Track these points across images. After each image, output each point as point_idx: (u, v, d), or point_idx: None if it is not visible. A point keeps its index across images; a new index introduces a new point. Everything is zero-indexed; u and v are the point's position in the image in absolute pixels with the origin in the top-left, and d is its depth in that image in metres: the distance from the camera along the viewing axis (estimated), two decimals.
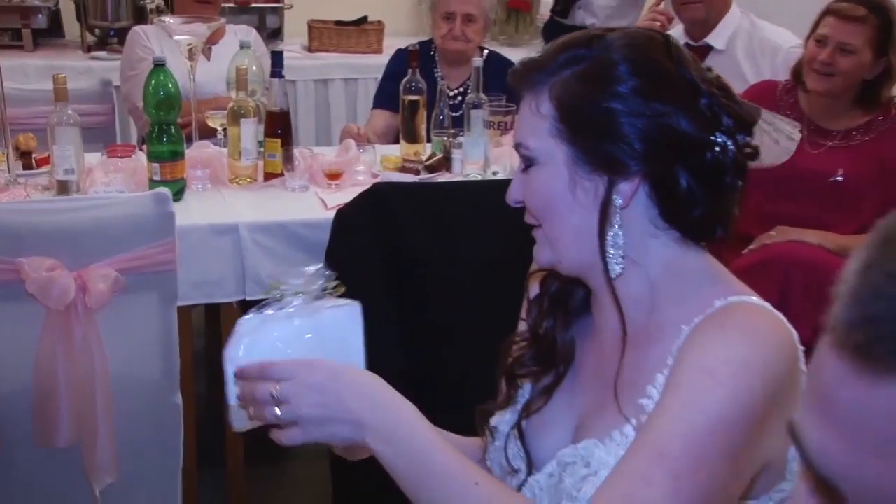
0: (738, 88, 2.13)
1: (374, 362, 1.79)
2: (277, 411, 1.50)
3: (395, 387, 1.65)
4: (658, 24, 4.34)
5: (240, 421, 1.53)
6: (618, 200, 1.54)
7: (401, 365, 2.98)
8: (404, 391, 1.64)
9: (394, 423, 1.50)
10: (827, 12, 3.68)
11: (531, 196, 1.61)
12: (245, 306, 3.46)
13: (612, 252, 1.57)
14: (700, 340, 1.51)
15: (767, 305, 1.57)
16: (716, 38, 4.34)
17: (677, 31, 4.29)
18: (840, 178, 3.57)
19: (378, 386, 1.54)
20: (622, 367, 1.60)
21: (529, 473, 1.68)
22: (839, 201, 3.60)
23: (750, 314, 1.55)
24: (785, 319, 1.54)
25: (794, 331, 1.51)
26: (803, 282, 3.30)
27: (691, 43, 4.22)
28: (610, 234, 1.56)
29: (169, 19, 3.97)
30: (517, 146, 1.64)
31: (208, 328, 4.12)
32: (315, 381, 1.52)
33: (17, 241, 2.91)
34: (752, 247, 3.51)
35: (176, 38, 3.81)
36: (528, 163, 1.61)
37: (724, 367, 1.46)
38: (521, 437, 1.71)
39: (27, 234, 2.93)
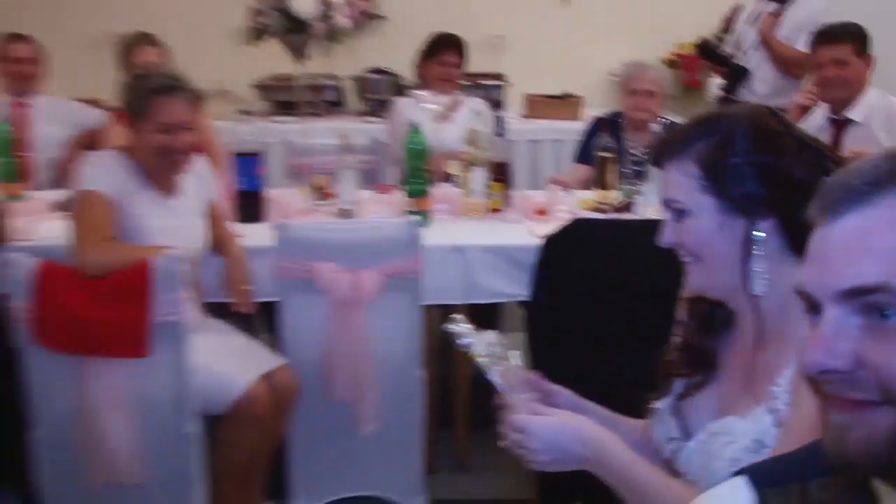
0: None
1: (566, 362, 2.09)
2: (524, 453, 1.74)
3: (588, 387, 1.93)
4: (810, 102, 4.44)
5: None
6: (757, 236, 1.68)
7: (588, 365, 3.07)
8: (593, 391, 1.95)
9: (603, 453, 1.72)
10: None
11: (687, 239, 1.74)
12: (472, 309, 3.62)
13: (755, 277, 1.70)
14: None
15: None
16: (855, 113, 4.31)
17: (823, 107, 4.35)
18: None
19: (589, 428, 1.76)
20: (757, 364, 1.74)
21: (685, 440, 1.83)
22: None
23: None
24: None
25: None
26: None
27: (833, 117, 4.27)
28: (752, 263, 1.69)
29: (422, 93, 4.23)
30: (667, 202, 1.77)
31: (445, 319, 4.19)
32: (546, 437, 1.72)
33: (313, 251, 3.28)
34: None
35: (427, 107, 4.12)
36: (681, 215, 1.74)
37: None
38: (679, 414, 1.87)
39: (319, 245, 3.29)
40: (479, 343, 1.81)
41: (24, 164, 4.18)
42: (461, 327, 1.82)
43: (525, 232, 3.74)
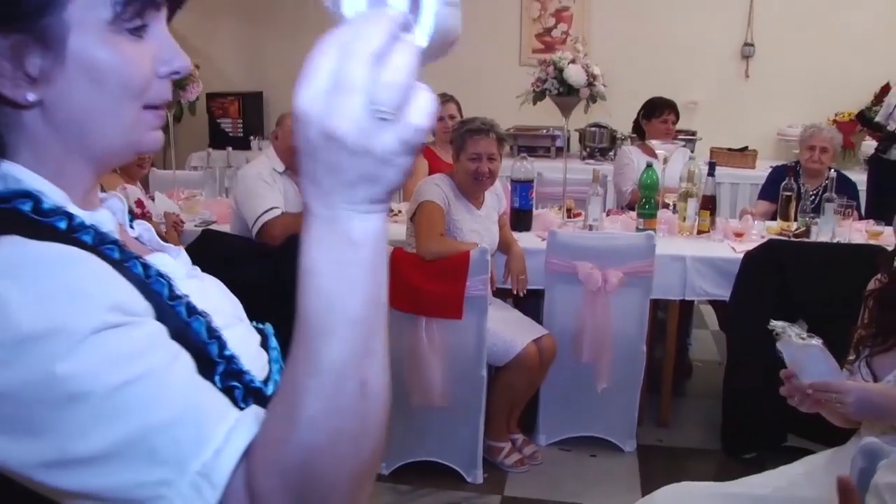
0: None
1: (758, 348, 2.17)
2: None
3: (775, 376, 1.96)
4: None
5: None
6: None
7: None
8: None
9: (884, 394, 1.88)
10: None
11: None
12: (683, 304, 3.96)
13: None
14: None
15: None
16: None
17: None
18: None
19: (871, 386, 1.91)
20: None
21: (874, 380, 1.98)
22: None
23: None
24: None
25: None
26: None
27: None
28: None
29: (653, 142, 4.33)
30: None
31: (660, 311, 4.07)
32: (855, 394, 1.83)
33: (574, 253, 3.45)
34: None
35: (658, 151, 4.18)
36: None
37: None
38: (869, 367, 2.01)
39: (580, 249, 3.45)
40: (798, 333, 1.90)
41: None
42: (783, 324, 1.93)
43: (727, 248, 3.81)
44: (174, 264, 0.88)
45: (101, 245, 0.77)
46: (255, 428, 0.70)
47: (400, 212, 4.21)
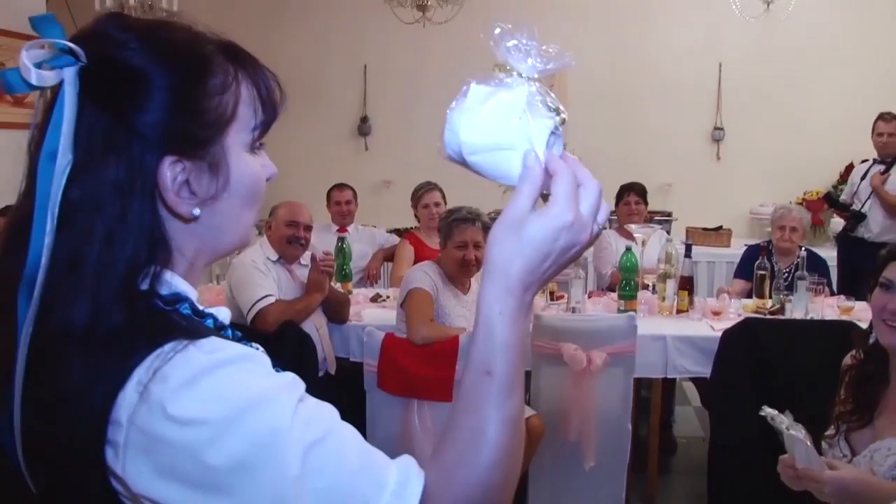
0: None
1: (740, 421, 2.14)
2: None
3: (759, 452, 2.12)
4: None
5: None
6: None
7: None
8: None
9: (866, 484, 1.87)
10: None
11: None
12: (665, 382, 4.00)
13: None
14: None
15: None
16: None
17: None
18: None
19: (857, 474, 1.91)
20: None
21: (852, 457, 2.00)
22: None
23: None
24: None
25: None
26: None
27: None
28: None
29: (632, 227, 4.46)
30: None
31: (643, 389, 4.14)
32: (841, 485, 1.85)
33: (559, 335, 3.48)
34: None
35: (636, 235, 4.31)
36: None
37: None
38: (847, 440, 2.06)
39: (564, 331, 3.49)
40: (785, 421, 1.94)
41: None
42: (773, 412, 1.96)
43: (706, 327, 3.91)
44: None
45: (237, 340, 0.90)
46: (421, 472, 0.84)
47: (388, 297, 4.30)
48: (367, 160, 7.27)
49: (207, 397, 0.76)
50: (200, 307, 0.89)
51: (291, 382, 0.83)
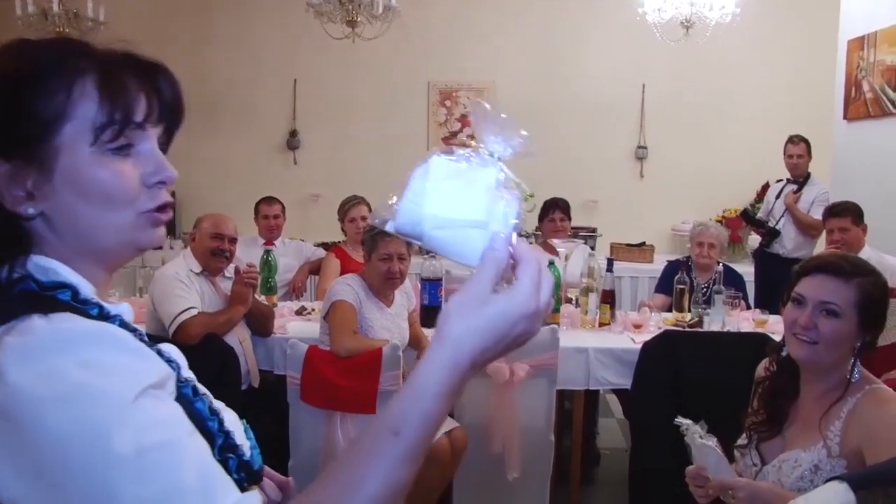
0: None
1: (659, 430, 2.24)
2: None
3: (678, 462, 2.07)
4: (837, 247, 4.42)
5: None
6: (858, 343, 1.96)
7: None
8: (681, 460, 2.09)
9: (759, 489, 1.96)
10: None
11: (826, 330, 1.94)
12: (588, 394, 3.98)
13: (856, 368, 1.96)
14: (872, 409, 1.89)
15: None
16: None
17: None
18: None
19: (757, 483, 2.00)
20: (829, 413, 1.94)
21: (762, 466, 2.05)
22: None
23: (887, 390, 1.96)
24: None
25: None
26: None
27: None
28: (855, 363, 1.95)
29: (556, 242, 4.42)
30: (826, 303, 1.94)
31: (567, 401, 4.11)
32: (749, 492, 1.92)
33: None
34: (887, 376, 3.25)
35: (559, 249, 4.27)
36: (834, 314, 1.93)
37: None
38: (758, 450, 2.10)
39: None
40: (699, 431, 2.00)
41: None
42: (688, 422, 2.01)
43: (627, 339, 3.94)
44: (177, 353, 1.00)
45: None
46: None
47: (313, 310, 4.25)
48: (295, 174, 7.21)
49: (43, 372, 0.75)
50: (91, 298, 0.89)
51: (151, 379, 0.80)
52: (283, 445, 3.31)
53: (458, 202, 0.82)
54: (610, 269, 4.25)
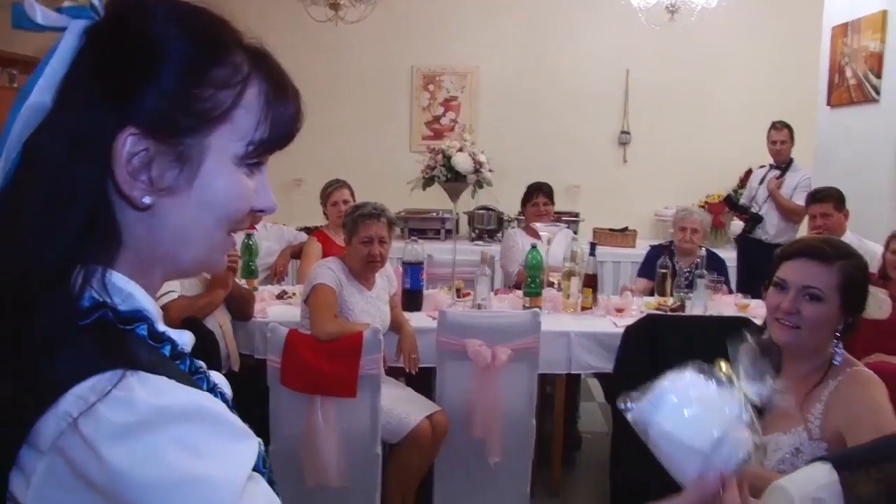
0: None
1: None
2: None
3: None
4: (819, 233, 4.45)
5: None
6: (840, 326, 1.97)
7: None
8: None
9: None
10: None
11: (810, 315, 1.93)
12: (570, 378, 4.05)
13: (838, 350, 1.99)
14: (853, 392, 1.91)
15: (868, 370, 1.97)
16: None
17: None
18: None
19: None
20: (811, 395, 1.95)
21: None
22: None
23: (867, 372, 1.98)
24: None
25: None
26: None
27: None
28: (836, 344, 1.95)
29: (536, 224, 4.45)
30: (809, 287, 1.94)
31: (548, 385, 4.12)
32: None
33: (464, 331, 3.47)
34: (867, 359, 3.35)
35: (541, 233, 4.28)
36: (817, 298, 1.93)
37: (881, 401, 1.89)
38: None
39: (469, 327, 3.47)
40: None
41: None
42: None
43: (609, 323, 3.94)
44: (216, 375, 0.90)
45: (193, 374, 0.80)
46: None
47: (294, 294, 4.21)
48: (277, 158, 7.07)
49: (144, 454, 0.67)
50: (160, 328, 0.78)
51: (244, 452, 0.73)
52: (263, 430, 3.25)
53: (691, 424, 0.86)
54: (592, 253, 4.24)
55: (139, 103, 0.74)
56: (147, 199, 0.76)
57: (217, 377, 0.88)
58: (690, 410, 0.87)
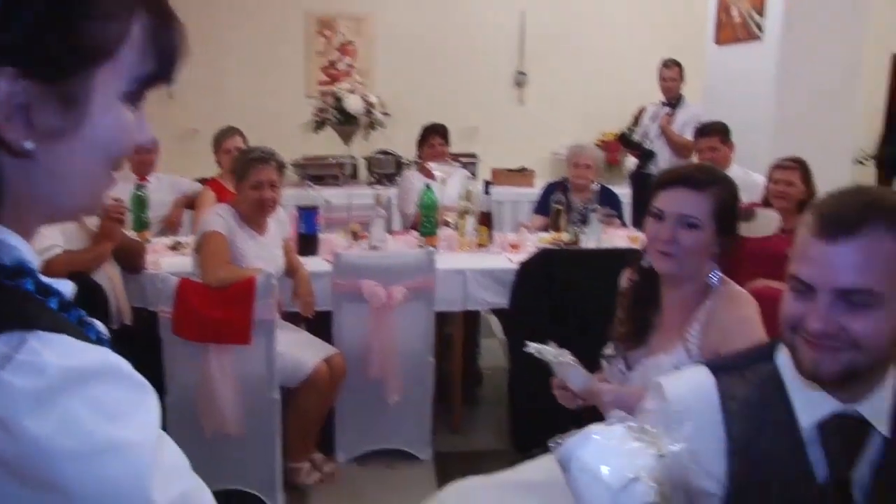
0: None
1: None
2: None
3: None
4: None
5: None
6: (716, 249, 2.00)
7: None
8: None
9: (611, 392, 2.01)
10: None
11: (687, 242, 1.97)
12: (469, 316, 4.10)
13: (713, 272, 2.01)
14: (727, 310, 1.96)
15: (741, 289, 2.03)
16: None
17: None
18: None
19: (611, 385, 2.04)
20: (688, 318, 2.00)
21: (629, 372, 2.11)
22: None
23: (739, 290, 2.03)
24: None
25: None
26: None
27: None
28: (712, 267, 2.01)
29: (431, 164, 4.45)
30: (685, 215, 1.95)
31: (449, 325, 4.07)
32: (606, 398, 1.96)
33: (359, 272, 3.49)
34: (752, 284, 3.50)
35: (435, 173, 4.31)
36: (693, 226, 1.95)
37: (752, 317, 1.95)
38: (624, 357, 2.14)
39: (364, 269, 3.50)
40: (551, 352, 2.03)
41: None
42: (538, 346, 2.03)
43: (505, 260, 3.97)
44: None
45: (82, 326, 0.74)
46: None
47: (189, 245, 4.13)
48: (171, 108, 6.89)
49: (60, 422, 0.64)
50: (45, 280, 0.72)
51: (152, 409, 0.71)
52: (158, 382, 3.21)
53: (609, 461, 0.93)
54: (487, 191, 4.25)
55: (13, 40, 0.66)
56: (29, 145, 0.69)
57: (99, 325, 0.84)
58: (612, 451, 0.95)
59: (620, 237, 4.35)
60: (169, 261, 3.93)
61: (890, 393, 1.28)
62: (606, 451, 0.96)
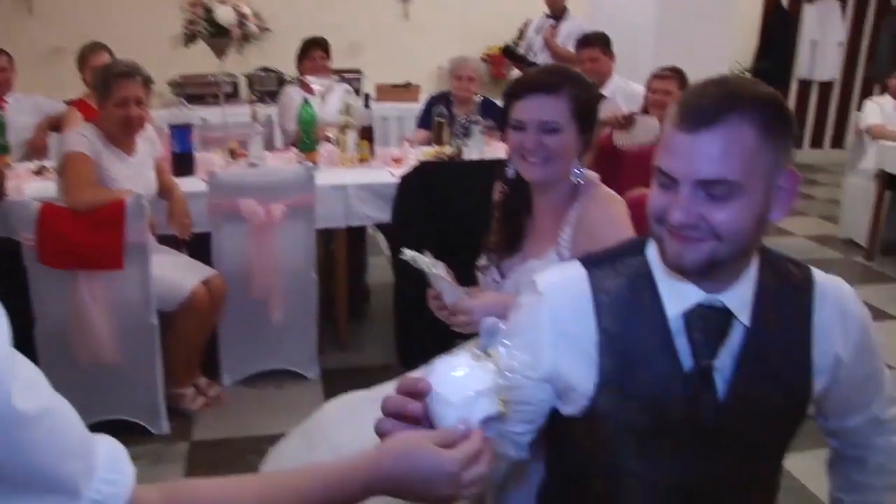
0: None
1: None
2: None
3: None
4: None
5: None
6: (580, 148, 1.95)
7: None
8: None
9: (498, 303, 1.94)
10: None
11: (553, 147, 1.93)
12: (349, 230, 4.01)
13: (576, 170, 1.99)
14: (595, 211, 1.96)
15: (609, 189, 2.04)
16: (604, 91, 4.65)
17: None
18: None
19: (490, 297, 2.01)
20: (559, 223, 1.99)
21: (503, 280, 2.11)
22: None
23: (607, 191, 2.03)
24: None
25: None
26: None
27: None
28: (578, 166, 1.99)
29: (310, 78, 4.33)
30: (545, 122, 1.90)
31: (331, 241, 4.02)
32: (482, 311, 1.94)
33: (236, 191, 3.39)
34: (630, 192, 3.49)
35: (314, 87, 4.22)
36: (556, 130, 1.92)
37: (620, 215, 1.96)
38: (497, 266, 2.12)
39: (241, 187, 3.40)
40: (425, 261, 1.99)
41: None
42: (413, 253, 1.98)
43: (387, 174, 3.92)
44: None
45: None
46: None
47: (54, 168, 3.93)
48: (32, 24, 6.48)
49: None
50: None
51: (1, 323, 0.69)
52: (25, 313, 3.07)
53: (452, 384, 1.01)
54: (367, 105, 4.17)
55: None
56: None
57: None
58: (454, 374, 1.02)
59: (504, 149, 4.31)
60: (34, 185, 3.73)
61: (752, 283, 1.31)
62: (449, 376, 1.03)
